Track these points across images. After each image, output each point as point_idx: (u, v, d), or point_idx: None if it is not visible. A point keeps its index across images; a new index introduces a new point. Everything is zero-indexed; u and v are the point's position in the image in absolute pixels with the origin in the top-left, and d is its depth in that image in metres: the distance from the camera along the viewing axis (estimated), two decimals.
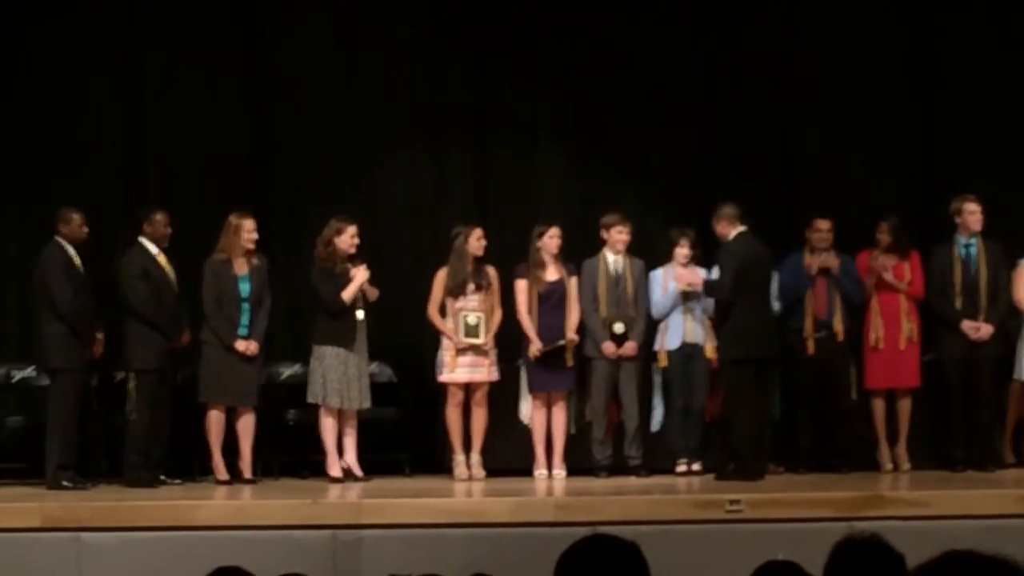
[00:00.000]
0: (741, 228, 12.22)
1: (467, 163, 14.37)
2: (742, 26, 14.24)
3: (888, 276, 12.64)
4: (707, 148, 14.23)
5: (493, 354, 12.70)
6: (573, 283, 12.68)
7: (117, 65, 14.13)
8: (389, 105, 14.20)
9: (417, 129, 14.30)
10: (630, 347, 12.56)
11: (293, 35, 14.23)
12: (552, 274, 12.69)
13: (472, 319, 12.56)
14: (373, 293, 12.52)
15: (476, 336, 12.55)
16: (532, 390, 12.68)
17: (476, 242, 12.63)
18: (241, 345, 12.33)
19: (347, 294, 12.37)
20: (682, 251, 12.77)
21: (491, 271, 12.74)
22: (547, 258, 12.71)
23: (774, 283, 12.72)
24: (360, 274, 12.46)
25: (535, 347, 12.58)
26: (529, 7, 14.14)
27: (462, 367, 12.61)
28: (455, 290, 12.64)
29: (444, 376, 12.64)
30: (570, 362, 12.57)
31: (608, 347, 12.58)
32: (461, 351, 12.58)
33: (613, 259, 12.72)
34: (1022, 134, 13.92)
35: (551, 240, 12.69)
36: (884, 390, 12.74)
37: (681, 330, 12.71)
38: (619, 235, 12.70)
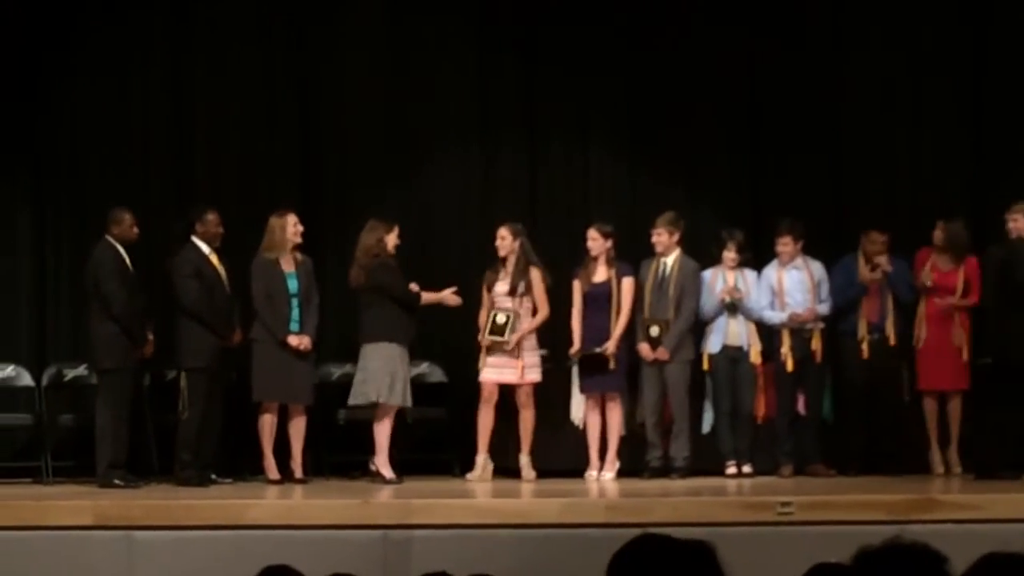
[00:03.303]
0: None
1: (516, 162, 14.36)
2: (791, 25, 14.19)
3: (939, 301, 12.62)
4: (756, 149, 14.19)
5: (533, 355, 12.70)
6: (624, 285, 12.67)
7: (167, 64, 14.18)
8: (438, 104, 14.22)
9: (466, 128, 14.33)
10: (660, 351, 12.56)
11: (343, 34, 14.26)
12: (600, 275, 12.69)
13: (501, 318, 12.56)
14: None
15: (501, 335, 12.56)
16: (583, 391, 12.70)
17: (499, 241, 12.72)
18: (294, 340, 12.37)
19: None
20: (729, 255, 12.76)
21: (535, 273, 12.72)
22: (594, 259, 12.73)
23: (824, 285, 12.74)
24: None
25: (572, 350, 12.63)
26: (579, 5, 14.13)
27: (490, 367, 12.64)
28: (489, 288, 12.72)
29: (483, 375, 12.71)
30: (612, 365, 12.55)
31: (643, 349, 12.59)
32: (490, 351, 12.61)
33: (662, 261, 12.72)
34: None
35: (590, 241, 12.70)
36: (935, 392, 12.71)
37: (723, 333, 12.71)
38: (657, 237, 12.71)
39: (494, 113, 14.38)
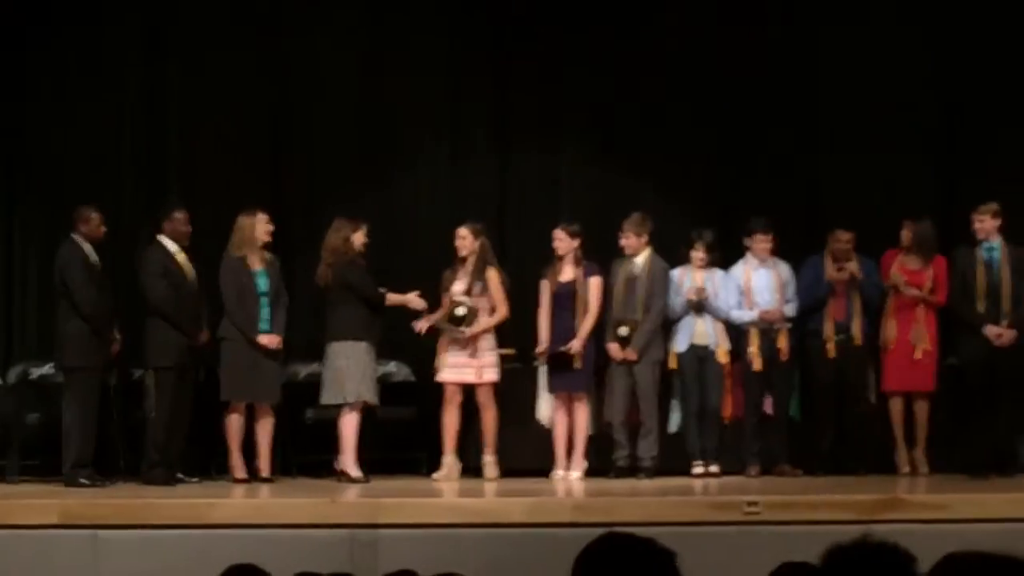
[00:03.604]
0: None
1: (487, 164, 14.40)
2: (760, 29, 14.23)
3: (907, 290, 12.65)
4: (726, 151, 14.21)
5: (491, 355, 12.69)
6: (591, 284, 12.66)
7: (141, 63, 14.20)
8: (410, 106, 14.24)
9: (438, 129, 14.36)
10: (629, 352, 12.56)
11: (316, 36, 14.29)
12: (567, 275, 12.69)
13: (460, 311, 12.52)
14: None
15: (458, 326, 12.55)
16: (550, 390, 12.71)
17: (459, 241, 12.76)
18: (264, 339, 12.37)
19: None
20: (697, 255, 12.77)
21: (492, 273, 12.71)
22: (561, 258, 12.73)
23: (791, 286, 12.78)
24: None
25: (538, 349, 12.67)
26: (550, 11, 14.15)
27: (448, 368, 12.67)
28: (446, 288, 12.75)
29: (438, 376, 12.73)
30: (577, 364, 12.54)
31: (612, 349, 12.59)
32: (448, 351, 12.63)
33: (632, 261, 12.73)
34: None
35: (557, 241, 12.72)
36: (901, 393, 12.75)
37: (690, 332, 12.71)
38: (625, 240, 12.74)
39: (465, 114, 14.44)
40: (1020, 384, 12.56)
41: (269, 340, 12.39)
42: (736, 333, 12.76)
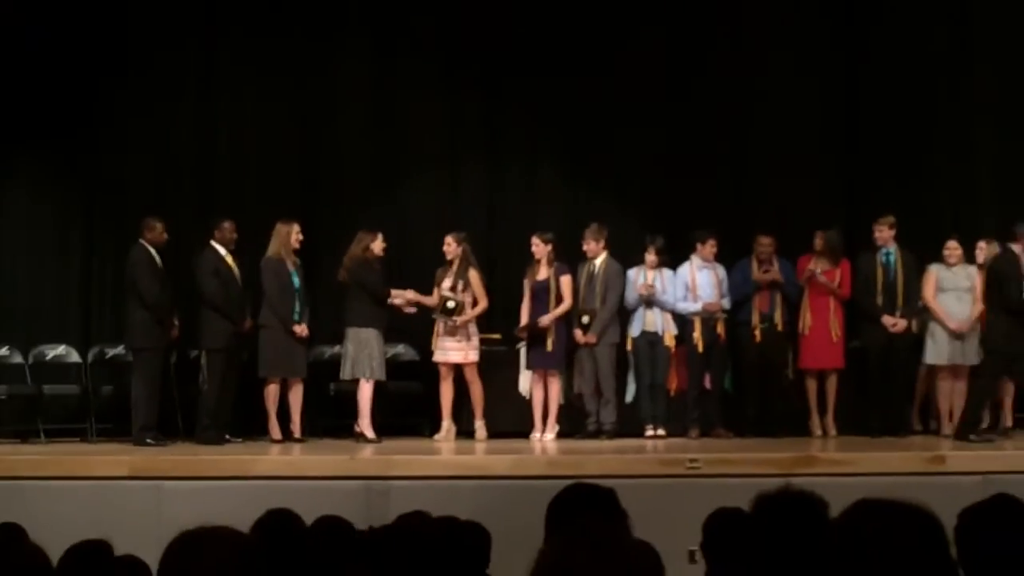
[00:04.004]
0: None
1: (479, 182, 14.38)
2: (701, 64, 14.26)
3: (820, 278, 12.65)
4: (673, 169, 14.17)
5: (474, 340, 12.67)
6: (563, 281, 12.63)
7: (195, 99, 14.16)
8: (414, 134, 14.22)
9: (437, 154, 14.33)
10: (589, 336, 12.52)
11: (337, 76, 14.28)
12: (542, 274, 12.69)
13: (451, 304, 12.52)
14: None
15: (450, 316, 12.52)
16: (528, 367, 12.70)
17: (445, 247, 12.75)
18: (297, 328, 12.36)
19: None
20: (649, 256, 12.76)
21: (473, 273, 12.67)
22: (537, 261, 12.74)
23: (726, 283, 12.78)
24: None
25: (518, 328, 12.73)
26: (530, 56, 14.14)
27: (440, 350, 12.65)
28: (438, 284, 12.73)
29: (434, 357, 12.73)
30: (549, 347, 12.52)
31: (577, 334, 12.58)
32: (443, 335, 12.61)
33: (592, 263, 12.72)
34: (931, 163, 14.04)
35: (534, 247, 12.74)
36: (815, 371, 12.75)
37: (642, 321, 12.71)
38: (586, 245, 12.75)
39: (460, 141, 14.40)
40: (909, 363, 12.62)
41: (301, 330, 12.39)
42: (682, 321, 12.75)
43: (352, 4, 14.37)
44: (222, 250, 12.36)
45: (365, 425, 12.29)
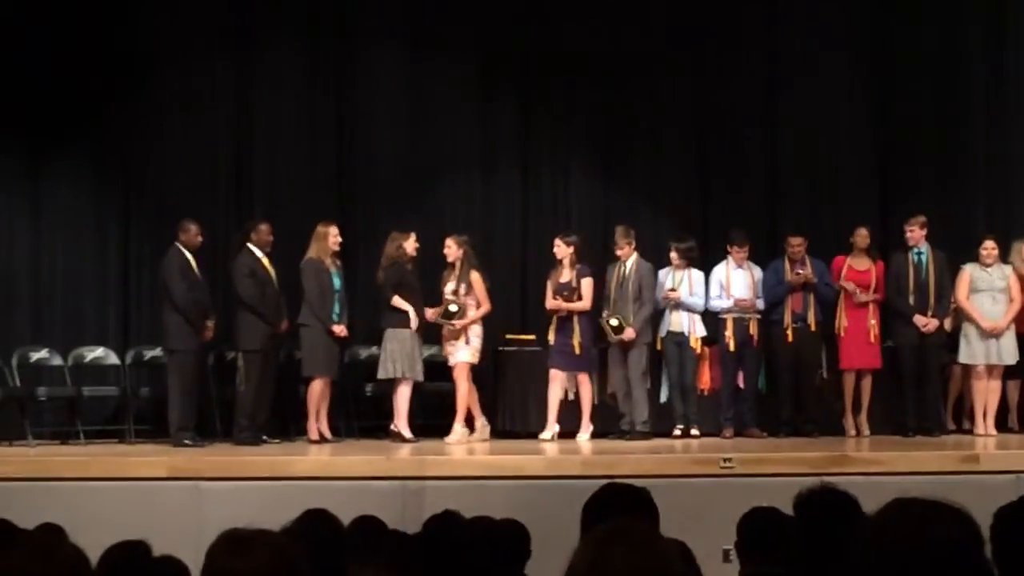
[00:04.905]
0: None
1: (511, 185, 14.37)
2: (732, 71, 14.24)
3: (859, 298, 12.59)
4: (706, 172, 14.22)
5: (476, 341, 12.40)
6: (583, 283, 12.53)
7: (232, 105, 14.18)
8: (448, 138, 14.23)
9: (471, 157, 14.32)
10: (628, 332, 12.40)
11: (372, 82, 14.27)
12: (564, 276, 12.62)
13: (453, 307, 12.35)
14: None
15: (449, 319, 12.36)
16: (552, 367, 12.56)
17: (446, 249, 12.61)
18: (338, 329, 12.40)
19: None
20: (673, 257, 12.74)
21: (475, 276, 12.44)
22: (560, 262, 12.68)
23: (759, 283, 12.74)
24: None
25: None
26: (563, 59, 14.14)
27: (450, 355, 12.54)
28: (443, 286, 12.57)
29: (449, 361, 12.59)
30: (577, 350, 12.41)
31: (627, 332, 12.46)
32: (449, 341, 12.48)
33: (623, 264, 12.67)
34: (962, 161, 13.97)
35: (556, 248, 12.68)
36: (854, 370, 12.70)
37: (668, 321, 12.69)
38: (616, 247, 12.71)
39: (493, 145, 14.38)
40: (941, 363, 12.57)
41: (340, 330, 12.42)
42: (715, 321, 12.72)
43: (387, 8, 14.38)
44: (258, 252, 12.39)
45: (402, 425, 12.30)
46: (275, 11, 14.24)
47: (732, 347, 12.65)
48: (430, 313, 12.48)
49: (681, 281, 12.69)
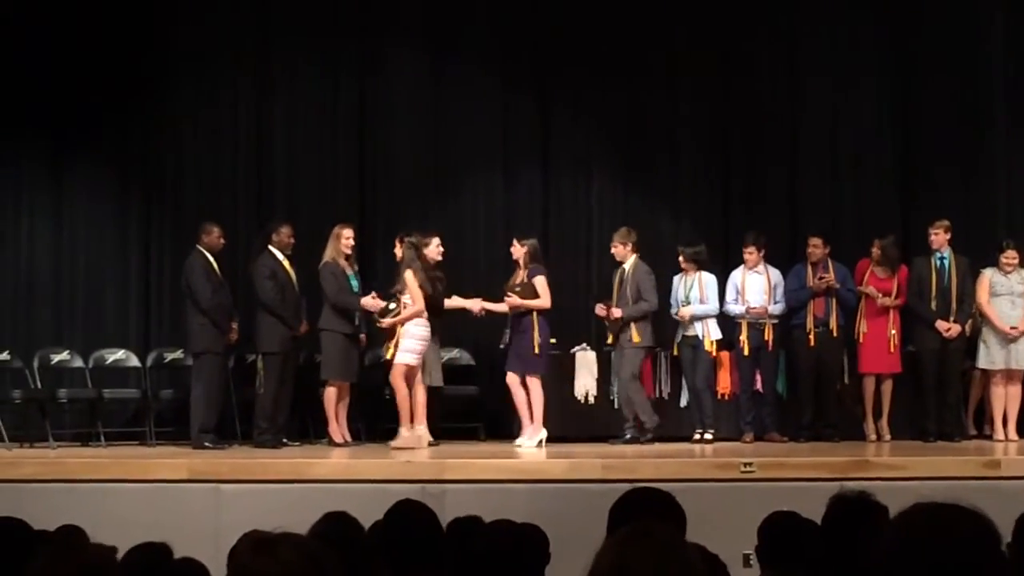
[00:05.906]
0: None
1: (532, 187, 14.38)
2: (754, 76, 14.28)
3: (881, 303, 12.58)
4: (726, 175, 14.24)
5: (409, 342, 11.83)
6: (536, 281, 12.11)
7: (252, 107, 14.25)
8: (469, 140, 14.26)
9: (491, 160, 14.34)
10: (614, 310, 12.30)
11: (392, 83, 14.31)
12: (519, 277, 12.24)
13: (392, 306, 12.01)
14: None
15: (382, 317, 12.03)
16: (507, 369, 12.26)
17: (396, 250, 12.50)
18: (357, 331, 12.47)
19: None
20: (681, 260, 12.72)
21: (408, 274, 11.88)
22: (516, 263, 12.37)
23: (780, 289, 12.72)
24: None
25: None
26: (584, 63, 14.16)
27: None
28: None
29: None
30: (536, 350, 12.02)
31: (598, 308, 12.51)
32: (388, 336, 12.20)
33: (622, 266, 12.55)
34: (987, 166, 13.95)
35: (512, 248, 12.36)
36: (874, 374, 12.68)
37: (683, 326, 12.66)
38: (614, 248, 12.61)
39: (514, 147, 14.40)
40: (962, 368, 12.56)
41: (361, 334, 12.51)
42: (731, 325, 12.72)
43: (408, 9, 14.41)
44: (279, 255, 12.41)
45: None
46: (295, 13, 14.28)
47: (747, 351, 12.64)
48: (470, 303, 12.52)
49: (692, 286, 12.64)
